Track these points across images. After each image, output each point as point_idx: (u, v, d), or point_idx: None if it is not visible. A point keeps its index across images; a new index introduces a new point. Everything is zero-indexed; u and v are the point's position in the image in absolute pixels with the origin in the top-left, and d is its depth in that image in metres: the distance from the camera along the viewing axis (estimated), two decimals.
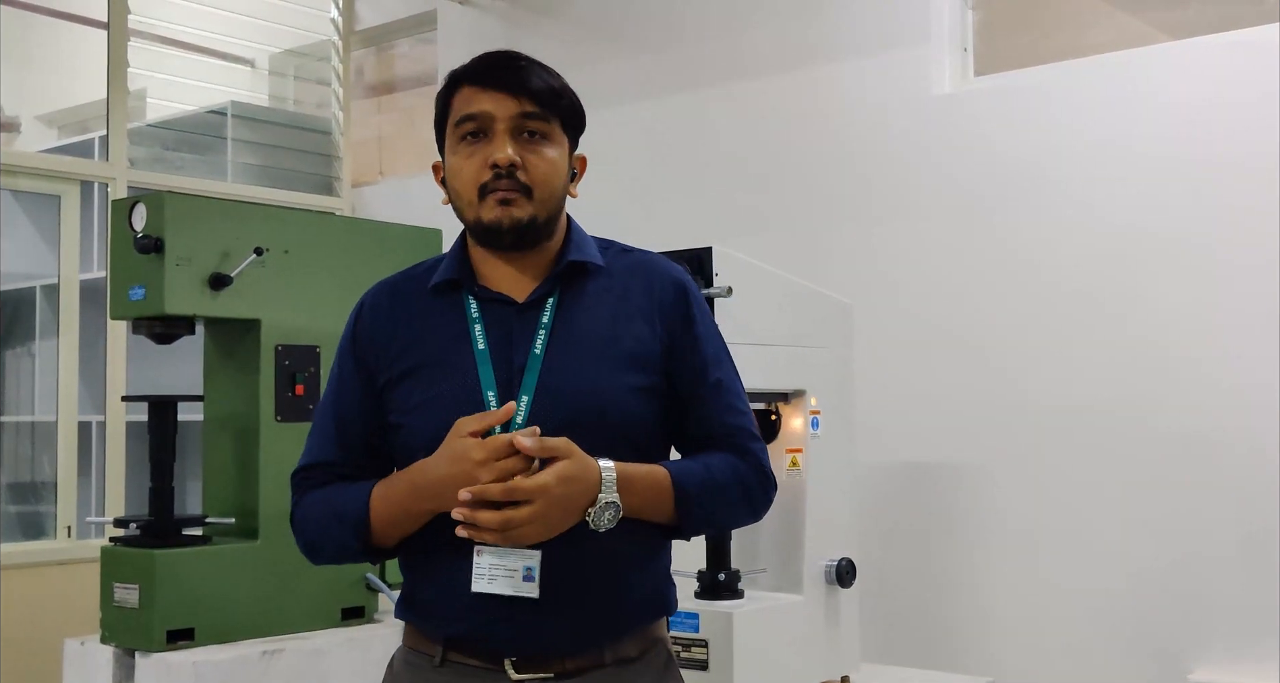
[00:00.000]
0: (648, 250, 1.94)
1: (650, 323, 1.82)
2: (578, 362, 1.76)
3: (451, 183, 1.80)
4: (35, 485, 5.02)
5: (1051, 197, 3.66)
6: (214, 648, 3.03)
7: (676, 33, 4.53)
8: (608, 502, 1.67)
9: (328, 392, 1.90)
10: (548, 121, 1.79)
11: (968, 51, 4.01)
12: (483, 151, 1.75)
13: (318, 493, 1.85)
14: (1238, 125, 3.36)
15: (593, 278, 1.84)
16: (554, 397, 1.72)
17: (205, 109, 5.39)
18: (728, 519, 1.91)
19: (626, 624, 1.80)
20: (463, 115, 1.77)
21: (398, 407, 1.80)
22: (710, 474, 1.80)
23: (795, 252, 4.07)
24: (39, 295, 5.02)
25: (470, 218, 1.78)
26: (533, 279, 1.82)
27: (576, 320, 1.80)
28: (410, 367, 1.80)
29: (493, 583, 1.70)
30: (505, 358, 1.76)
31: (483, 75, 1.78)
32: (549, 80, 1.80)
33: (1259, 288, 3.29)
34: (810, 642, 2.95)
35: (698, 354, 1.85)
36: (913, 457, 3.87)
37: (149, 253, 2.99)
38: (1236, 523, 3.30)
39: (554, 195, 1.79)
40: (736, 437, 1.86)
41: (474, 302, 1.81)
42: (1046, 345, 3.64)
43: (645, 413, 1.79)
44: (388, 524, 1.77)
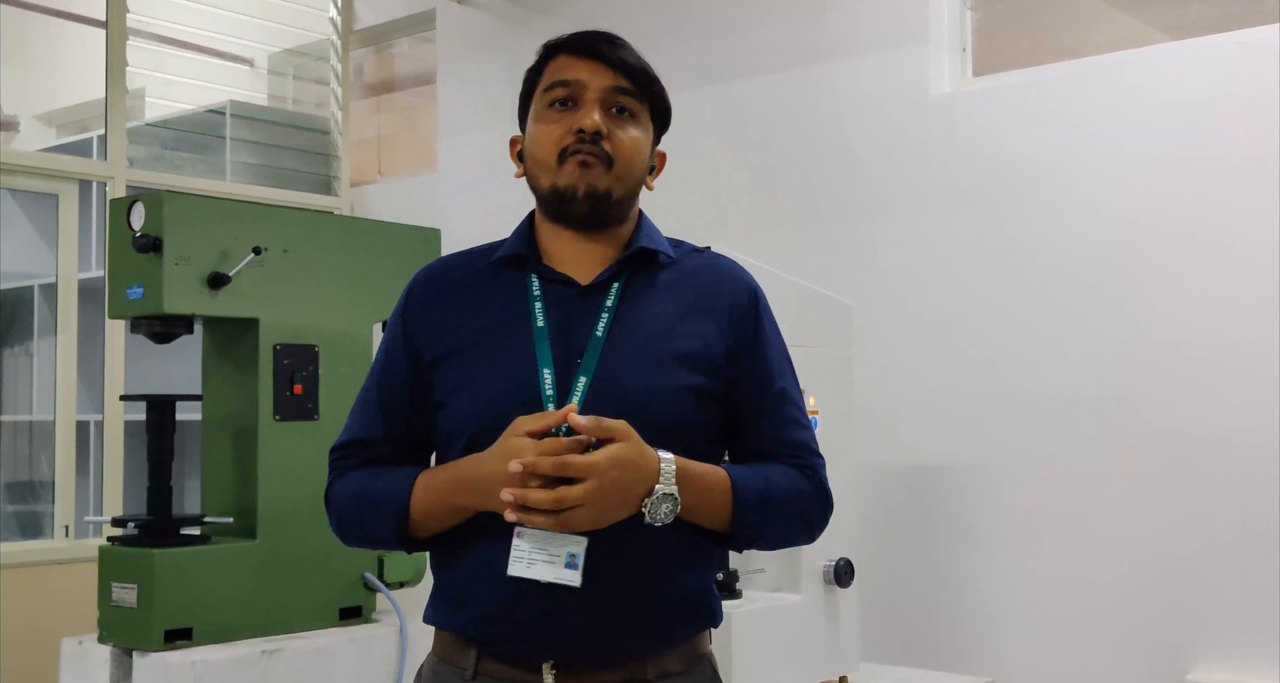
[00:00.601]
0: (719, 252, 1.90)
1: (718, 325, 1.76)
2: (637, 351, 1.70)
3: (530, 150, 1.77)
4: (33, 485, 5.02)
5: (1050, 196, 3.66)
6: (212, 648, 3.02)
7: (675, 33, 4.53)
8: (665, 493, 1.59)
9: (374, 367, 1.85)
10: (639, 101, 1.77)
11: (966, 51, 4.01)
12: (569, 119, 1.72)
13: (357, 474, 1.80)
14: (1237, 125, 3.36)
15: (662, 270, 1.80)
16: (609, 384, 1.66)
17: (204, 108, 5.39)
18: (782, 536, 1.82)
19: (672, 634, 1.72)
20: (554, 81, 1.75)
21: (445, 384, 1.73)
22: (771, 486, 1.73)
23: (794, 251, 4.07)
24: (37, 294, 5.02)
25: (546, 184, 1.74)
26: (600, 262, 1.77)
27: (640, 310, 1.74)
28: (461, 343, 1.74)
29: (531, 567, 1.62)
30: (565, 338, 1.70)
31: (580, 44, 1.77)
32: (644, 64, 1.78)
33: (1259, 286, 3.29)
34: (809, 642, 2.95)
35: (763, 362, 1.80)
36: (912, 456, 3.87)
37: (147, 252, 2.99)
38: (1236, 522, 3.30)
39: (633, 174, 1.76)
40: (799, 452, 1.80)
41: (536, 279, 1.76)
42: (1046, 345, 3.64)
43: (697, 414, 1.72)
44: (427, 515, 1.70)
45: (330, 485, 1.83)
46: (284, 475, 3.18)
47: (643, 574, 1.67)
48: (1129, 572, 3.46)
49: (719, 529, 1.71)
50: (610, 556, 1.62)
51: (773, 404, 1.79)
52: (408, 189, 5.44)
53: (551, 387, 1.66)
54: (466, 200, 5.01)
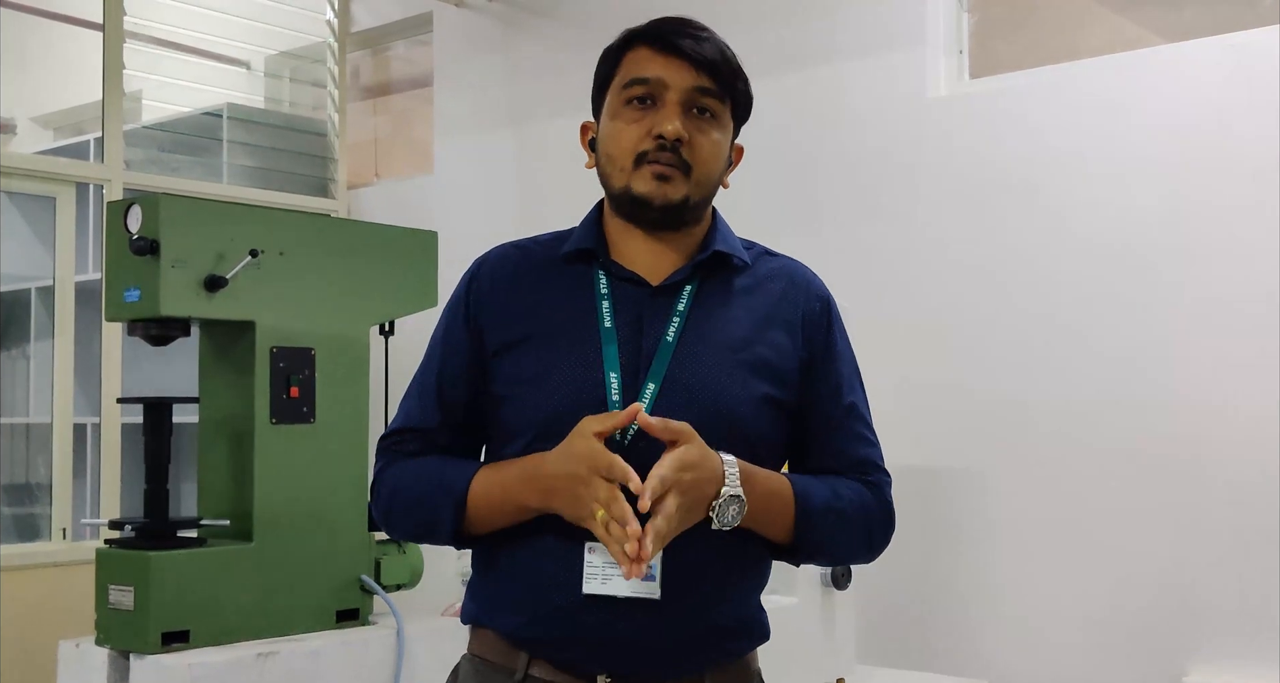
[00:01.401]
0: (792, 257, 1.86)
1: (792, 334, 1.72)
2: (710, 358, 1.65)
3: (605, 146, 1.69)
4: (30, 487, 5.01)
5: (1047, 199, 3.67)
6: (209, 650, 3.02)
7: None
8: (732, 495, 1.55)
9: (430, 354, 1.78)
10: (721, 101, 1.71)
11: (963, 54, 4.02)
12: (649, 119, 1.65)
13: (412, 463, 1.73)
14: (1232, 127, 3.37)
15: (736, 274, 1.75)
16: (681, 391, 1.61)
17: (200, 111, 5.39)
18: (845, 552, 1.79)
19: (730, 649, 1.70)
20: (634, 78, 1.67)
21: (507, 377, 1.67)
22: (837, 499, 1.70)
23: (790, 253, 4.04)
24: (34, 297, 5.02)
25: (619, 185, 1.67)
26: (671, 263, 1.71)
27: (714, 315, 1.69)
28: (525, 335, 1.68)
29: (607, 583, 1.57)
30: (633, 341, 1.64)
31: (664, 38, 1.67)
32: (730, 58, 1.72)
33: (1257, 290, 3.29)
34: (806, 644, 2.95)
35: (835, 375, 1.76)
36: (908, 459, 3.87)
37: (144, 255, 2.98)
38: (1234, 526, 3.31)
39: (711, 178, 1.70)
40: (866, 469, 1.78)
41: (604, 276, 1.70)
42: (1042, 347, 3.65)
43: (772, 426, 1.69)
44: (488, 510, 1.65)
45: (381, 471, 1.76)
46: (281, 478, 3.18)
47: (707, 588, 1.64)
48: (1126, 575, 3.46)
49: (781, 539, 1.68)
50: (676, 569, 1.59)
51: (841, 419, 1.77)
52: (404, 192, 5.44)
53: (618, 391, 1.62)
54: (463, 203, 5.01)
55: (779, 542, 1.69)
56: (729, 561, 1.65)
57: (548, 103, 4.69)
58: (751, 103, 1.79)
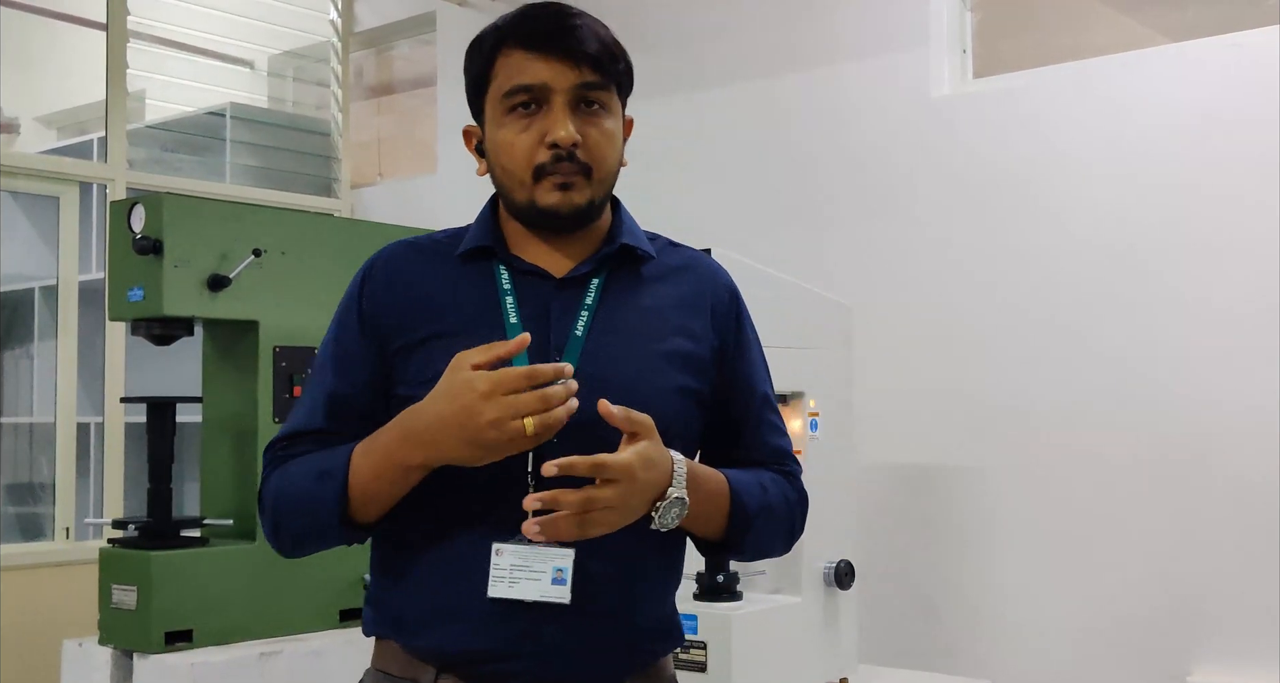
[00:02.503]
0: (695, 248, 1.81)
1: (704, 324, 1.68)
2: (623, 351, 1.59)
3: (498, 158, 1.63)
4: (34, 487, 5.02)
5: (1050, 198, 3.66)
6: (212, 650, 3.03)
7: (676, 35, 4.53)
8: (677, 497, 1.49)
9: (322, 358, 1.68)
10: (607, 89, 1.64)
11: (967, 53, 4.01)
12: (538, 126, 1.58)
13: (293, 462, 1.62)
14: (1237, 127, 3.36)
15: (642, 266, 1.69)
16: (595, 384, 1.50)
17: (204, 110, 5.39)
18: (770, 547, 1.73)
19: (651, 652, 1.65)
20: (515, 86, 1.59)
21: (410, 378, 1.58)
22: (768, 496, 1.66)
23: (794, 253, 4.07)
24: (38, 297, 5.02)
25: (521, 199, 1.61)
26: (575, 257, 1.65)
27: (624, 307, 1.63)
28: (428, 335, 1.60)
29: (514, 587, 1.50)
30: (541, 336, 1.57)
31: (537, 39, 1.59)
32: (605, 40, 1.63)
33: (1259, 289, 3.29)
34: (809, 644, 2.94)
35: (747, 365, 1.73)
36: (912, 459, 3.87)
37: (147, 254, 2.99)
38: (1235, 524, 3.30)
39: (612, 173, 1.65)
40: (781, 459, 1.75)
41: (505, 271, 1.64)
42: (1045, 347, 3.64)
43: (688, 417, 1.64)
44: (371, 481, 1.53)
45: (265, 481, 1.64)
46: None
47: (626, 590, 1.58)
48: (1129, 575, 3.46)
49: (711, 536, 1.64)
50: (593, 570, 1.51)
51: (758, 410, 1.73)
52: (407, 191, 5.44)
53: None
54: (466, 202, 4.97)
55: (708, 538, 1.64)
56: (646, 560, 1.60)
57: None
58: (633, 73, 1.70)
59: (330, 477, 1.55)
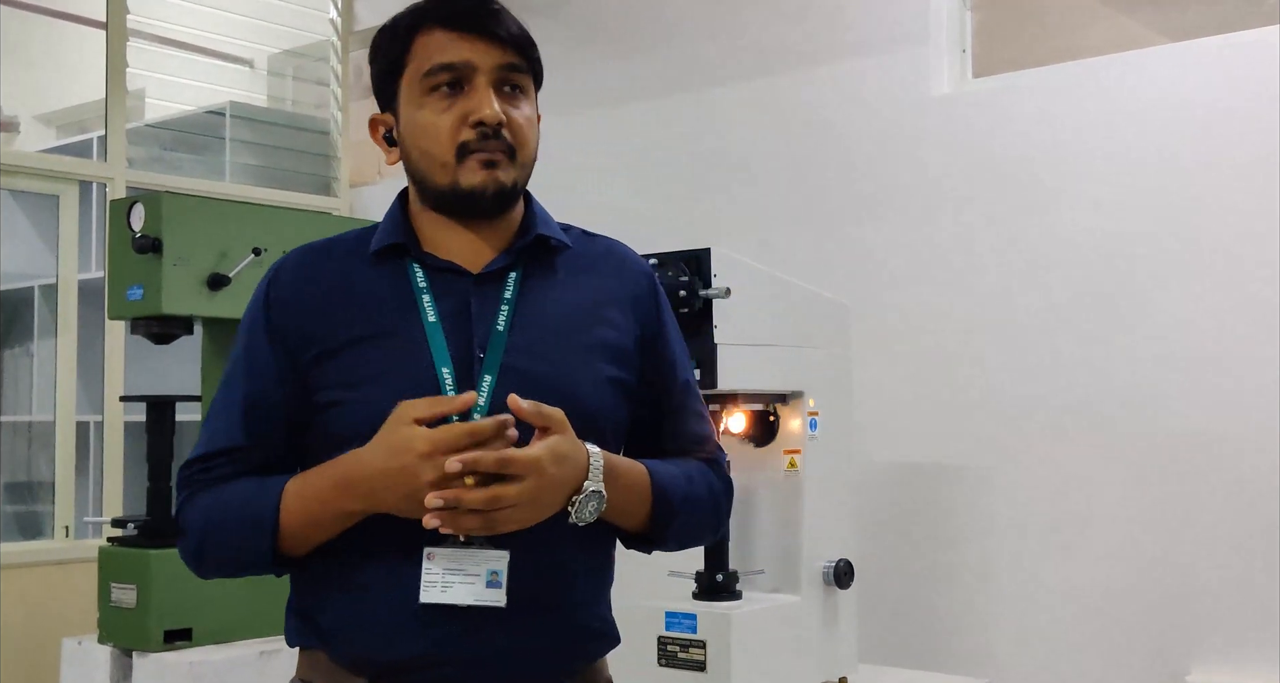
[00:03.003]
0: (611, 237, 1.77)
1: (625, 314, 1.65)
2: (547, 345, 1.57)
3: (417, 142, 1.58)
4: (33, 485, 5.02)
5: (1049, 198, 3.66)
6: (211, 648, 3.03)
7: (674, 34, 4.53)
8: (594, 490, 1.46)
9: (232, 372, 1.63)
10: (527, 75, 1.61)
11: (966, 53, 4.01)
12: (461, 106, 1.55)
13: (218, 490, 1.56)
14: (1236, 127, 3.36)
15: (559, 257, 1.65)
16: (520, 380, 1.50)
17: (204, 109, 5.38)
18: (696, 536, 1.72)
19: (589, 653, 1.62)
20: (438, 65, 1.55)
21: (330, 385, 1.53)
22: (692, 486, 1.64)
23: (793, 253, 4.07)
24: (37, 295, 5.02)
25: (443, 182, 1.56)
26: (490, 250, 1.61)
27: (543, 300, 1.60)
28: (345, 341, 1.55)
29: (447, 591, 1.46)
30: (462, 333, 1.54)
31: (463, 18, 1.57)
32: (523, 28, 1.61)
33: (1259, 288, 3.29)
34: (808, 643, 2.95)
35: (669, 353, 1.71)
36: (910, 457, 3.88)
37: (147, 253, 2.99)
38: (1235, 523, 3.30)
39: (531, 159, 1.61)
40: (706, 446, 1.73)
41: (420, 269, 1.59)
42: (1044, 346, 3.64)
43: (615, 408, 1.61)
44: (305, 526, 1.50)
45: (184, 505, 1.59)
46: None
47: (562, 590, 1.56)
48: (1128, 573, 3.46)
49: (635, 529, 1.62)
50: (527, 571, 1.48)
51: (680, 398, 1.71)
52: None
53: (453, 387, 1.51)
54: None
55: (632, 531, 1.62)
56: (580, 560, 1.58)
57: (548, 102, 4.66)
58: (544, 73, 1.68)
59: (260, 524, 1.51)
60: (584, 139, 4.52)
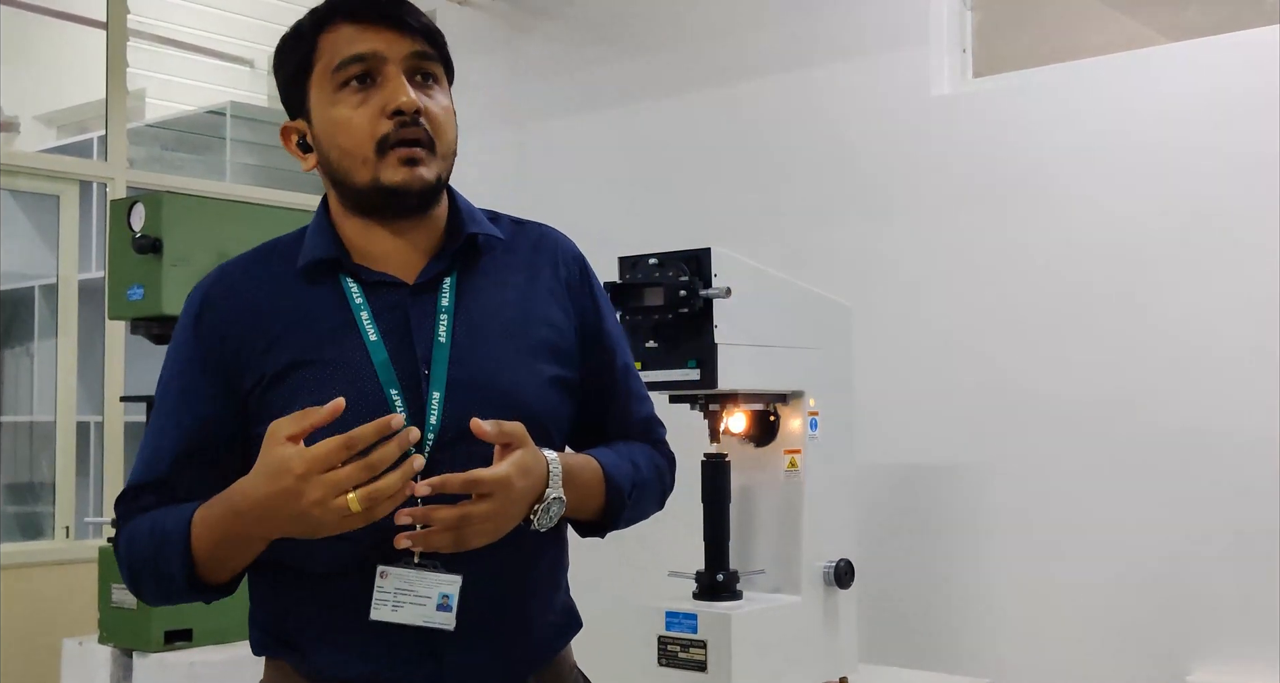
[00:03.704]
0: (539, 222, 1.73)
1: (563, 305, 1.64)
2: (489, 350, 1.53)
3: (334, 140, 1.54)
4: (33, 486, 5.02)
5: (1050, 198, 3.66)
6: (211, 649, 3.03)
7: (676, 34, 4.53)
8: (555, 497, 1.46)
9: (162, 401, 1.58)
10: (438, 65, 1.59)
11: (966, 52, 4.01)
12: (376, 99, 1.51)
13: (137, 521, 1.51)
14: (1236, 127, 3.36)
15: (489, 253, 1.62)
16: (469, 391, 1.49)
17: (204, 109, 5.39)
18: (643, 515, 1.73)
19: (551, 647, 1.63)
20: (347, 57, 1.51)
21: (274, 413, 1.40)
22: (639, 471, 1.66)
23: (794, 253, 4.07)
24: (37, 295, 5.02)
25: (364, 180, 1.51)
26: (422, 254, 1.57)
27: (481, 303, 1.57)
28: (286, 365, 1.50)
29: (398, 611, 1.44)
30: (405, 349, 1.50)
31: (364, 11, 1.53)
32: (430, 20, 1.58)
33: (1257, 288, 3.29)
34: (809, 643, 2.95)
35: (607, 338, 1.70)
36: (912, 458, 3.87)
37: (147, 253, 2.99)
38: (1235, 523, 3.30)
39: (452, 148, 1.59)
40: (648, 426, 1.75)
41: (354, 284, 1.54)
42: (1045, 346, 3.64)
43: (564, 407, 1.61)
44: (215, 554, 1.45)
45: (117, 536, 1.55)
46: None
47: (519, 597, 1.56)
48: (1129, 573, 3.46)
49: (587, 519, 1.63)
50: (483, 585, 1.48)
51: (620, 380, 1.71)
52: None
53: (403, 406, 1.47)
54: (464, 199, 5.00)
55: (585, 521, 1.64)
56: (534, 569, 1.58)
57: (551, 102, 4.68)
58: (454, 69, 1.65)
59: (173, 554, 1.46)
60: (584, 139, 4.52)
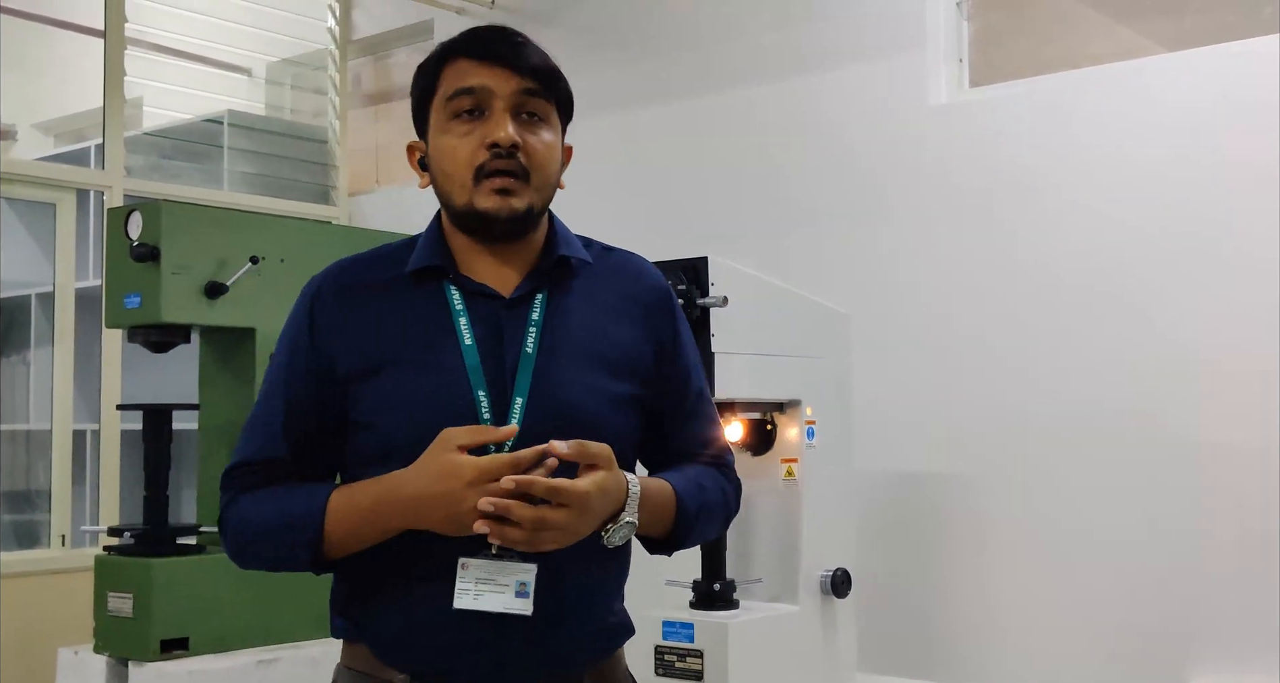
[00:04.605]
0: (628, 250, 1.86)
1: (640, 329, 1.75)
2: (571, 364, 1.66)
3: (439, 164, 1.67)
4: (30, 494, 5.01)
5: (1048, 207, 3.67)
6: (208, 658, 3.02)
7: (673, 41, 4.54)
8: (628, 521, 1.59)
9: (272, 384, 1.72)
10: (547, 101, 1.69)
11: (963, 62, 4.01)
12: (480, 131, 1.64)
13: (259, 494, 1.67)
14: (1234, 135, 3.36)
15: (579, 276, 1.74)
16: (547, 401, 1.61)
17: (202, 117, 5.39)
18: (708, 536, 1.84)
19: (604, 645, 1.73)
20: (458, 89, 1.65)
21: (368, 403, 1.62)
22: (705, 494, 1.76)
23: (791, 261, 4.07)
24: (34, 304, 5.02)
25: (460, 202, 1.65)
26: (517, 272, 1.70)
27: (567, 321, 1.69)
28: (384, 360, 1.64)
29: (479, 599, 1.56)
30: (495, 355, 1.63)
31: (481, 48, 1.67)
32: (547, 60, 1.70)
33: (1257, 296, 3.29)
34: (806, 652, 2.94)
35: (682, 363, 1.80)
36: (909, 466, 3.87)
37: (145, 261, 2.99)
38: (1235, 531, 3.30)
39: (549, 183, 1.69)
40: (716, 450, 1.84)
41: (456, 292, 1.68)
42: (1043, 355, 3.64)
43: (634, 424, 1.73)
44: (348, 536, 1.60)
45: (228, 505, 1.69)
46: None
47: (583, 596, 1.67)
48: (1128, 582, 3.46)
49: (655, 537, 1.74)
50: (553, 580, 1.59)
51: (693, 405, 1.82)
52: (405, 199, 5.43)
53: (488, 409, 1.60)
54: None
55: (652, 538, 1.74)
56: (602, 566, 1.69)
57: None
58: (573, 102, 1.77)
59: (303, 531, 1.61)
60: (581, 146, 4.52)
